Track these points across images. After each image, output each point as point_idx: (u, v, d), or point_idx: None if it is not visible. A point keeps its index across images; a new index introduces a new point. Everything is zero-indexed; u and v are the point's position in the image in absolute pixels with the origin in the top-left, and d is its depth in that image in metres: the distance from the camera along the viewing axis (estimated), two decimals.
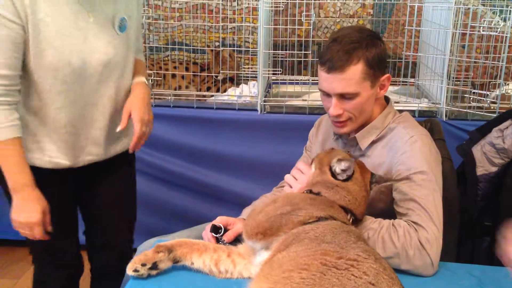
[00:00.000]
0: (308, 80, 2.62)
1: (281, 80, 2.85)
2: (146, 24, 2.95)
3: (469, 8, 2.37)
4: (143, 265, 1.21)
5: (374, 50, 1.42)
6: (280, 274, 0.98)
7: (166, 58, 3.05)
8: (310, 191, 1.28)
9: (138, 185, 2.57)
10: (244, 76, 2.81)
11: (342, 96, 1.43)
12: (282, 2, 2.65)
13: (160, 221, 2.56)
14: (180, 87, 2.72)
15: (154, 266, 1.22)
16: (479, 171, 1.77)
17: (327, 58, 1.41)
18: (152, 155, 2.53)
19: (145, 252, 1.24)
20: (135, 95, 1.58)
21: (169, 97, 2.54)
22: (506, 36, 2.21)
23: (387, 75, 1.49)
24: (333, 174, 1.30)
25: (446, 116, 2.35)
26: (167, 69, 2.73)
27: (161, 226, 2.48)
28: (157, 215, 2.58)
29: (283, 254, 1.05)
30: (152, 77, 2.55)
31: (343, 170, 1.29)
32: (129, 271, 1.21)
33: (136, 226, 2.58)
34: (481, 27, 2.21)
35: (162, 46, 3.05)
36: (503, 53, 2.24)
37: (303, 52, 2.68)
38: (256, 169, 2.48)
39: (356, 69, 1.40)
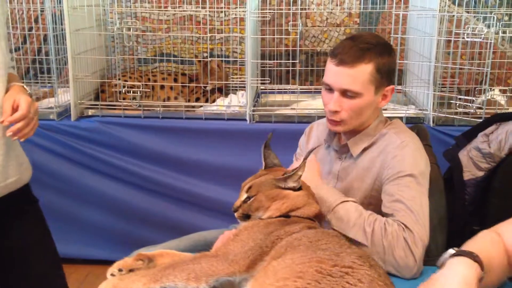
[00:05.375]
0: (297, 89, 2.64)
1: (269, 89, 2.86)
2: (134, 36, 2.96)
3: (453, 16, 2.41)
4: (120, 270, 1.20)
5: (386, 57, 1.45)
6: (275, 283, 0.98)
7: (155, 70, 3.05)
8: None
9: (128, 196, 2.58)
10: (232, 86, 2.82)
11: (345, 93, 1.43)
12: (269, 12, 2.67)
13: (149, 232, 2.55)
14: (169, 98, 2.73)
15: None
16: (466, 176, 1.79)
17: (339, 52, 1.43)
18: (141, 166, 2.53)
19: (126, 258, 1.24)
20: (14, 89, 1.41)
21: (158, 108, 2.54)
22: (490, 42, 2.24)
23: (392, 86, 1.50)
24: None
25: (433, 122, 2.38)
26: (155, 81, 2.74)
27: (150, 237, 2.47)
28: (147, 226, 2.58)
29: (278, 261, 1.05)
30: (141, 89, 2.55)
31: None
32: (107, 274, 1.20)
33: (124, 237, 2.58)
34: (466, 34, 2.24)
35: (150, 58, 3.05)
36: (488, 59, 2.28)
37: (291, 61, 2.70)
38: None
39: (366, 69, 1.41)
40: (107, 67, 2.87)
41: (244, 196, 1.32)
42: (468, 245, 1.08)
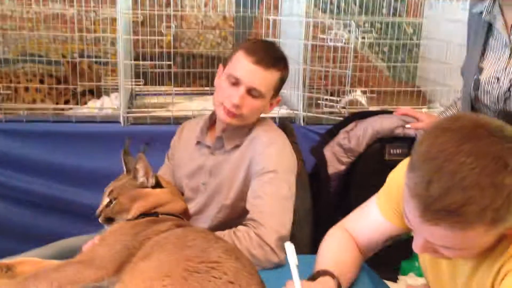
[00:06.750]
0: (172, 90, 2.62)
1: (145, 91, 2.81)
2: None
3: (318, 22, 2.56)
4: None
5: (287, 70, 1.56)
6: (141, 284, 0.97)
7: (18, 71, 2.84)
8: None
9: None
10: (106, 88, 2.72)
11: (250, 92, 1.48)
12: (141, 13, 2.62)
13: (17, 244, 2.32)
14: (34, 101, 2.55)
15: None
16: (330, 170, 1.92)
17: (258, 52, 1.48)
18: (3, 174, 2.34)
19: None
20: None
21: (22, 112, 2.37)
22: (350, 47, 2.43)
23: (279, 98, 1.61)
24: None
25: (303, 121, 2.51)
26: (19, 82, 2.55)
27: (18, 248, 2.28)
28: (14, 237, 2.37)
29: (146, 262, 1.04)
30: (1, 91, 2.36)
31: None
32: None
33: None
34: (329, 39, 2.40)
35: (13, 58, 2.83)
36: (349, 62, 2.46)
37: (165, 62, 2.67)
38: None
39: (275, 75, 1.51)
40: None
41: (106, 200, 1.30)
42: (323, 256, 1.19)
